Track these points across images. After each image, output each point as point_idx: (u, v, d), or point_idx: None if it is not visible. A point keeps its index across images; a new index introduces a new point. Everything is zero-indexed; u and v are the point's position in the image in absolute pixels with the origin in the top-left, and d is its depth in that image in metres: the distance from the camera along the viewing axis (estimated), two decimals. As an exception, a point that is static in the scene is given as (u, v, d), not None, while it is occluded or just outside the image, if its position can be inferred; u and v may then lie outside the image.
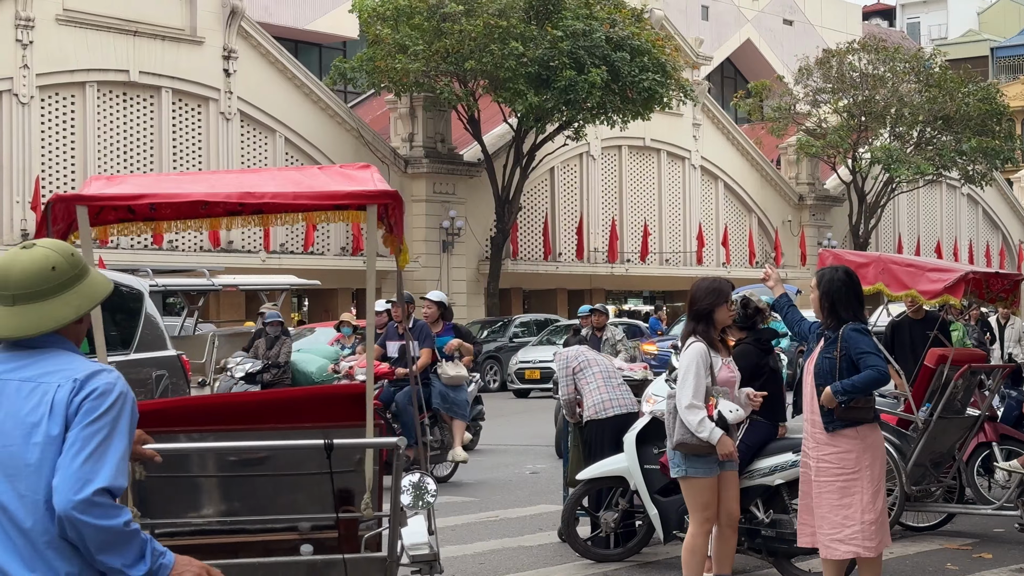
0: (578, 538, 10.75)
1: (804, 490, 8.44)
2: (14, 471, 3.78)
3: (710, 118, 52.45)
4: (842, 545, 8.17)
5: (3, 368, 3.91)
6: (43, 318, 3.91)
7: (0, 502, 3.75)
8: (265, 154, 39.48)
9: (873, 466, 8.17)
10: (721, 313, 8.46)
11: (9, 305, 3.90)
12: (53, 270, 3.93)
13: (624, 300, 48.90)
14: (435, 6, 37.09)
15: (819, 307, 8.32)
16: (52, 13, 34.36)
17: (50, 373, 3.85)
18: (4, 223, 33.72)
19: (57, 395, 3.79)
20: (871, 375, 7.98)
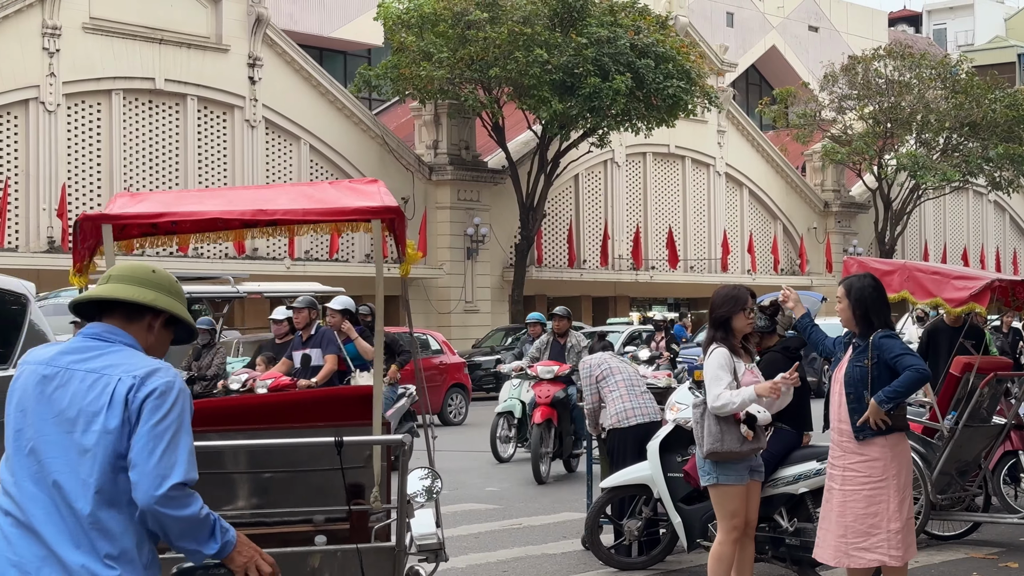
0: (601, 546, 10.76)
1: (826, 499, 8.42)
2: (74, 455, 4.13)
3: (735, 125, 52.40)
4: (867, 553, 8.12)
5: (72, 359, 4.24)
6: (123, 290, 4.38)
7: (58, 482, 4.09)
8: (290, 162, 39.54)
9: (900, 475, 8.15)
10: (739, 321, 8.43)
11: (104, 284, 4.43)
12: (153, 272, 4.49)
13: (649, 307, 48.73)
14: (460, 14, 37.11)
15: (850, 315, 8.28)
16: (79, 21, 34.51)
17: (113, 366, 4.19)
18: (31, 231, 33.85)
19: (118, 388, 4.13)
20: (912, 375, 7.95)
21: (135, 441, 4.10)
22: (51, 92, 34.17)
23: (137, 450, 4.09)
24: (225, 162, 38.04)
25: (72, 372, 4.21)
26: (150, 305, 4.38)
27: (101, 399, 4.15)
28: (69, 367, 4.22)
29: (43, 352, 4.37)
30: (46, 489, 4.10)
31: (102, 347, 4.29)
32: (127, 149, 35.92)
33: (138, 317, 4.41)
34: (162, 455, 4.07)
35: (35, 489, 4.12)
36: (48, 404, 4.20)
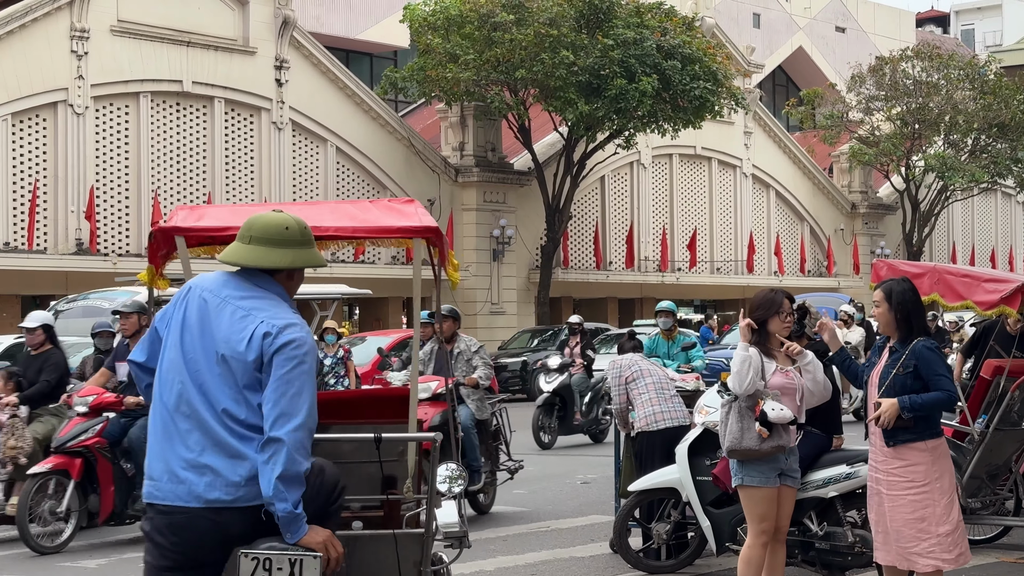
0: (630, 549, 10.74)
1: (875, 499, 8.41)
2: (218, 368, 5.07)
3: (761, 126, 52.33)
4: (920, 559, 8.09)
5: (230, 293, 5.15)
6: (266, 257, 5.20)
7: (205, 384, 5.04)
8: (317, 164, 39.63)
9: (943, 478, 8.12)
10: (775, 324, 8.45)
11: (246, 244, 5.22)
12: (287, 229, 5.25)
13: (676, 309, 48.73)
14: (486, 16, 37.10)
15: (890, 319, 8.24)
16: (107, 24, 34.64)
17: (259, 310, 5.08)
18: (59, 233, 33.97)
19: (257, 330, 5.00)
20: (940, 397, 7.99)
21: (269, 382, 4.96)
22: (79, 95, 34.31)
23: (269, 391, 4.92)
24: (252, 164, 38.14)
25: (227, 303, 5.12)
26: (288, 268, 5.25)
27: (243, 333, 5.02)
28: (226, 299, 5.13)
29: (209, 280, 5.27)
30: (199, 387, 5.01)
31: (255, 291, 5.17)
32: (155, 151, 36.03)
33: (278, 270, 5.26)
34: (292, 398, 4.90)
35: (191, 387, 5.04)
36: (207, 323, 5.10)
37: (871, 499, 8.38)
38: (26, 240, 33.22)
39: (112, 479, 11.72)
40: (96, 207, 34.36)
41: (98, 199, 34.47)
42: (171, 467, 4.98)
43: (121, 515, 11.92)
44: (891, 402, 7.89)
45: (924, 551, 8.05)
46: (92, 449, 11.61)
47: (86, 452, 11.61)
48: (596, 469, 17.49)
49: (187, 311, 5.17)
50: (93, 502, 11.75)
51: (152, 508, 4.98)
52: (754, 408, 8.38)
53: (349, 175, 40.34)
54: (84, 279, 30.94)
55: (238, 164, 37.92)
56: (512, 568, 11.07)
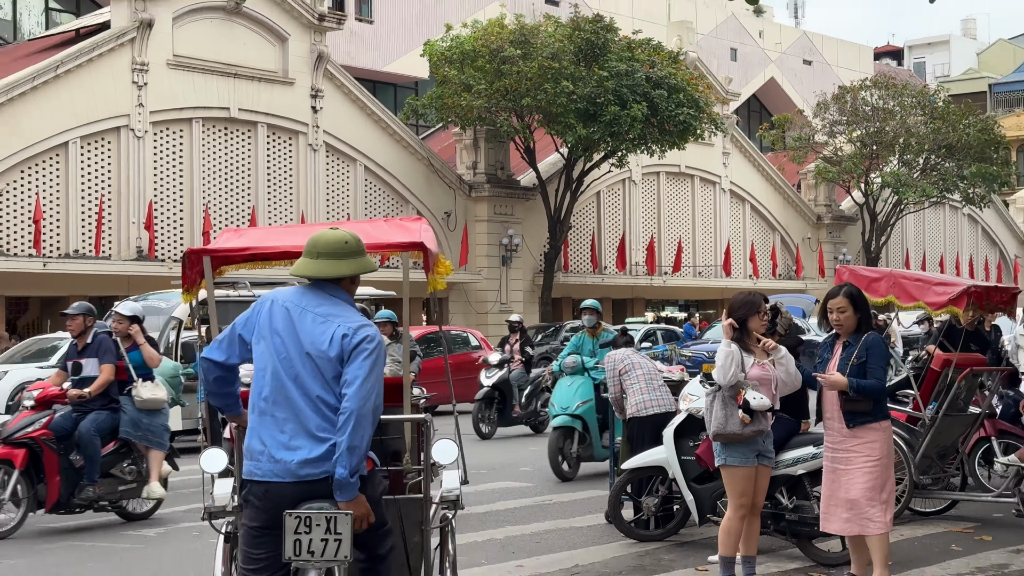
0: (623, 520, 10.79)
1: (831, 478, 8.53)
2: (309, 363, 5.47)
3: (738, 147, 52.27)
4: (871, 523, 8.34)
5: (306, 303, 5.58)
6: (334, 268, 5.61)
7: (300, 376, 5.46)
8: (347, 182, 39.59)
9: (889, 454, 8.49)
10: (753, 322, 8.57)
11: (314, 259, 5.62)
12: (346, 243, 5.66)
13: (662, 308, 48.77)
14: (496, 50, 37.13)
15: (854, 321, 8.54)
16: (163, 58, 34.66)
17: (335, 316, 5.51)
18: (122, 240, 33.98)
19: (337, 332, 5.45)
20: (876, 386, 8.29)
21: (350, 370, 5.39)
22: (139, 120, 34.33)
23: (351, 376, 5.36)
24: (291, 181, 38.10)
25: (306, 311, 5.54)
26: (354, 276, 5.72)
27: (325, 336, 5.45)
28: (305, 308, 5.56)
29: (288, 293, 5.70)
30: (293, 379, 5.44)
31: (326, 300, 5.59)
32: (205, 170, 36.02)
33: (338, 279, 5.66)
34: (365, 380, 5.34)
35: (287, 380, 5.46)
36: (292, 328, 5.51)
37: (826, 476, 8.62)
38: (93, 248, 33.26)
39: (58, 469, 11.08)
40: (154, 219, 34.38)
41: (156, 212, 34.50)
42: (269, 449, 5.41)
43: (68, 504, 11.27)
44: (844, 379, 8.21)
45: (874, 516, 8.31)
46: (37, 440, 11.06)
47: (31, 443, 11.05)
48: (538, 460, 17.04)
49: (273, 319, 5.57)
50: (40, 491, 11.11)
51: (251, 482, 5.45)
52: (736, 397, 8.46)
53: (376, 191, 40.31)
54: (143, 282, 30.93)
55: (278, 181, 37.88)
56: (519, 536, 11.09)
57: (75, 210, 33.25)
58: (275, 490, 5.38)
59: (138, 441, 11.59)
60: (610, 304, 46.95)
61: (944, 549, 10.26)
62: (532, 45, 37.26)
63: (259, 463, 5.43)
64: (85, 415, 11.27)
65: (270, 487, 5.39)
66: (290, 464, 5.36)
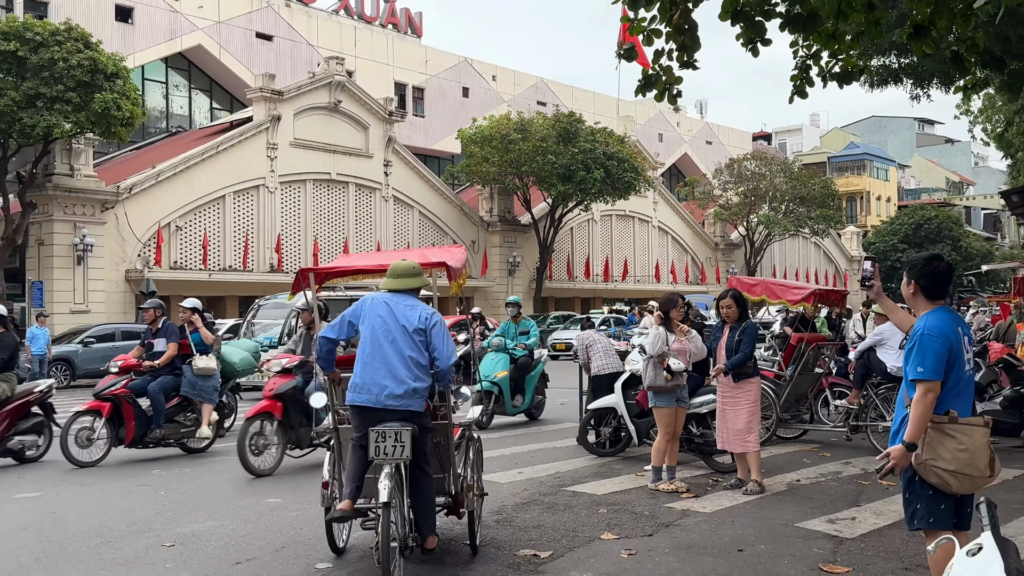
0: (588, 443, 10.79)
1: (722, 414, 8.61)
2: (406, 336, 5.79)
3: (663, 199, 52.28)
4: (749, 444, 8.50)
5: (397, 300, 5.92)
6: (409, 284, 6.01)
7: (397, 341, 5.76)
8: (407, 222, 39.70)
9: (758, 400, 8.66)
10: (674, 312, 8.72)
11: (396, 279, 6.01)
12: (413, 269, 6.07)
13: (613, 303, 48.64)
14: (504, 135, 37.29)
15: (736, 314, 8.70)
16: (287, 140, 34.77)
17: (416, 306, 5.90)
18: (261, 259, 34.12)
19: (421, 314, 5.83)
20: (741, 358, 8.47)
21: (435, 341, 5.79)
22: (271, 181, 34.44)
23: (437, 345, 5.77)
24: (370, 221, 38.18)
25: (398, 303, 5.91)
26: (420, 288, 6.08)
27: (412, 317, 5.81)
28: (397, 302, 5.91)
29: (383, 294, 5.99)
30: (391, 343, 5.74)
31: (407, 299, 5.95)
32: (314, 213, 36.12)
33: (415, 290, 6.04)
34: (445, 347, 5.78)
35: (385, 343, 5.75)
36: (393, 314, 5.83)
37: (719, 413, 8.76)
38: (241, 264, 33.34)
39: (133, 416, 10.75)
40: (281, 245, 34.46)
41: (282, 241, 34.59)
42: (367, 385, 5.65)
43: (142, 441, 10.91)
44: (723, 367, 8.51)
45: (753, 440, 8.52)
46: (118, 396, 10.75)
47: (114, 398, 10.74)
48: (568, 396, 16.98)
49: (375, 308, 5.87)
50: (121, 432, 10.77)
51: (352, 406, 5.73)
52: (662, 362, 8.55)
53: (426, 227, 40.40)
54: (274, 288, 31.00)
55: (362, 221, 37.95)
56: (521, 453, 11.06)
57: (229, 239, 33.36)
58: (366, 412, 5.62)
59: (194, 397, 11.17)
60: (579, 301, 46.99)
61: (799, 462, 10.27)
62: (528, 132, 37.38)
63: (359, 394, 5.65)
64: (155, 379, 10.97)
65: (363, 409, 5.62)
66: (380, 396, 5.60)
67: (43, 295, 28.63)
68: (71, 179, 28.94)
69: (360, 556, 6.39)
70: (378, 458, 5.44)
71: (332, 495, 6.13)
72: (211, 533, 7.13)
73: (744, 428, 8.45)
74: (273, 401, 9.97)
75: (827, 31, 7.71)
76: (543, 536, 6.88)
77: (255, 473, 9.59)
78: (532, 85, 55.50)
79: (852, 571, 5.95)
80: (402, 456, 5.43)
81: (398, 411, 5.58)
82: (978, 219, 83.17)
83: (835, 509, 7.77)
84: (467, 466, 6.53)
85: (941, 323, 4.53)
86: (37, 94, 24.11)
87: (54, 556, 6.55)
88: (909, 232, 62.36)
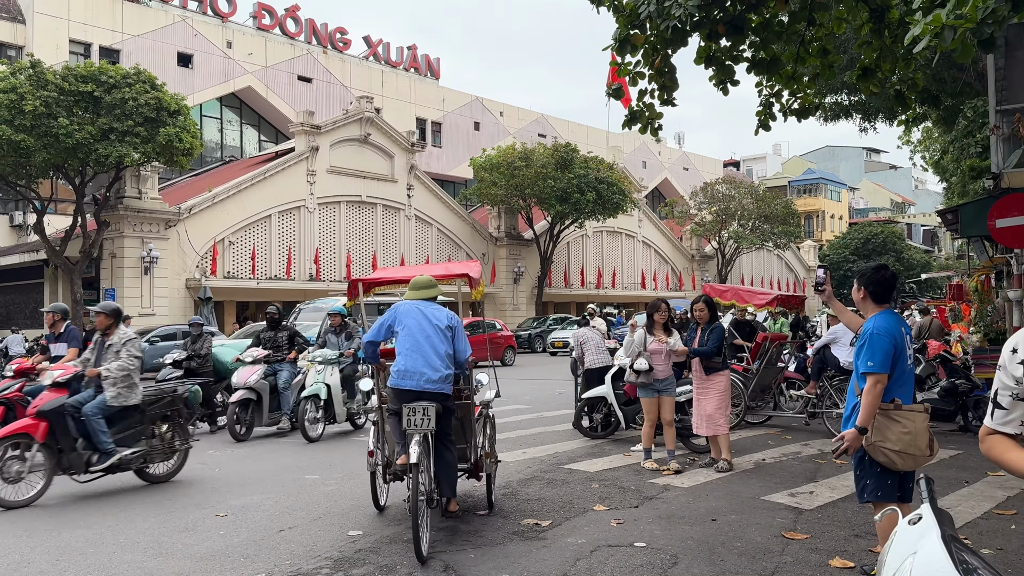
0: (583, 427, 10.73)
1: (697, 402, 8.53)
2: (437, 333, 6.05)
3: (647, 217, 52.13)
4: (719, 428, 8.44)
5: (424, 306, 6.20)
6: (429, 294, 6.34)
7: (430, 336, 6.02)
8: (427, 237, 39.63)
9: (727, 389, 8.58)
10: (657, 316, 8.57)
11: (418, 290, 6.34)
12: (429, 282, 6.40)
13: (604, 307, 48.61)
14: (510, 163, 37.18)
15: (707, 315, 8.65)
16: (324, 167, 34.78)
17: (441, 309, 6.20)
18: (301, 269, 34.10)
19: (448, 315, 6.16)
20: (708, 350, 8.42)
21: (457, 338, 6.13)
22: (311, 202, 34.43)
23: (459, 342, 6.14)
24: (395, 237, 38.12)
25: (427, 308, 6.18)
26: (435, 297, 6.36)
27: (440, 317, 6.12)
28: (426, 306, 6.20)
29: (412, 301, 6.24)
30: (426, 339, 6.00)
31: (431, 305, 6.23)
32: (347, 230, 36.10)
33: (432, 299, 6.32)
34: (464, 345, 6.17)
35: (421, 339, 6.01)
36: (425, 316, 6.10)
37: (695, 401, 8.71)
38: (285, 273, 33.35)
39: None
40: (319, 257, 34.45)
41: (320, 254, 34.57)
42: (411, 374, 5.89)
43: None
44: (684, 348, 8.47)
45: (722, 424, 8.45)
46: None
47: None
48: (566, 385, 16.87)
49: (409, 313, 6.12)
50: None
51: (392, 388, 5.96)
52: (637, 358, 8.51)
53: (443, 243, 40.33)
54: (313, 294, 31.04)
55: (388, 237, 37.91)
56: (524, 436, 11.01)
57: (275, 252, 33.36)
58: (404, 393, 5.91)
59: None
60: (575, 305, 46.89)
61: (764, 444, 10.21)
62: (531, 160, 37.27)
63: (404, 380, 5.92)
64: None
65: (406, 392, 5.89)
66: (420, 381, 5.89)
67: (115, 300, 28.71)
68: (139, 201, 29.03)
69: (387, 523, 6.40)
70: (409, 429, 5.78)
71: (376, 462, 6.55)
72: (258, 505, 7.11)
73: (714, 413, 8.41)
74: (37, 421, 7.27)
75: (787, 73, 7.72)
76: (544, 507, 6.86)
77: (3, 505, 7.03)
78: (534, 120, 55.49)
79: (810, 538, 5.92)
80: (428, 427, 5.76)
81: (434, 393, 5.89)
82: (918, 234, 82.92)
83: (795, 484, 7.73)
84: (485, 438, 6.85)
85: (887, 323, 4.52)
86: (110, 128, 24.21)
87: (122, 525, 6.55)
88: (859, 245, 62.21)
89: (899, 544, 2.07)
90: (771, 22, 7.32)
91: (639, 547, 5.67)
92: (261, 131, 43.99)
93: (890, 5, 7.28)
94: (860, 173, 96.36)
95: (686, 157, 68.79)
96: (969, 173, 18.72)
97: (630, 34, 6.81)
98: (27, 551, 5.84)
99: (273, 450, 10.14)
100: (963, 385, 11.08)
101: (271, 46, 42.95)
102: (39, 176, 26.04)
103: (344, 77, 45.82)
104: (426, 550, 5.44)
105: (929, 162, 28.74)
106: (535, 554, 5.55)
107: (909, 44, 5.18)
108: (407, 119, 47.18)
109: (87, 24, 36.17)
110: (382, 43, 48.68)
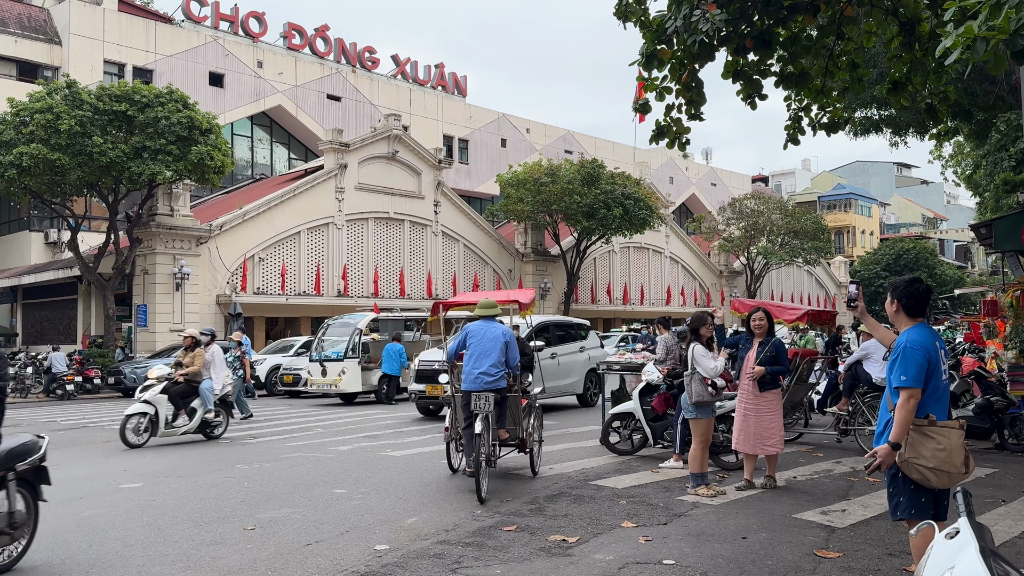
0: (610, 443, 10.66)
1: (744, 419, 8.27)
2: (496, 346, 8.06)
3: (674, 232, 51.89)
4: (769, 447, 8.27)
5: (488, 324, 8.16)
6: (492, 312, 8.32)
7: (492, 356, 8.03)
8: (454, 253, 39.74)
9: (780, 407, 8.42)
10: (704, 328, 8.32)
11: (484, 310, 8.32)
12: (494, 304, 8.37)
13: (631, 323, 48.30)
14: (536, 179, 37.16)
15: (765, 328, 8.38)
16: (353, 184, 35.08)
17: (499, 327, 8.13)
18: (330, 285, 34.33)
19: (503, 331, 8.11)
20: (782, 369, 8.25)
21: (510, 350, 8.13)
22: (339, 219, 34.71)
23: (511, 351, 8.15)
24: (422, 253, 38.26)
25: (491, 328, 8.12)
26: (498, 314, 8.37)
27: (496, 333, 8.09)
28: (490, 327, 8.17)
29: (481, 321, 8.21)
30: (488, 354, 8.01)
31: (493, 323, 8.22)
32: (376, 247, 36.32)
33: (495, 316, 8.36)
34: (516, 353, 8.23)
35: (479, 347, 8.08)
36: (488, 332, 8.12)
37: (739, 418, 8.32)
38: (314, 289, 33.61)
39: None
40: (347, 273, 34.67)
41: (348, 270, 34.80)
42: (473, 376, 7.94)
43: None
44: (761, 369, 8.16)
45: (773, 443, 8.26)
46: None
47: None
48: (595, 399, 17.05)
49: (478, 331, 8.11)
50: None
51: (463, 392, 8.05)
52: (704, 379, 7.99)
53: (470, 259, 40.42)
54: (341, 310, 31.20)
55: (416, 254, 38.06)
56: (549, 452, 10.93)
57: (304, 268, 33.64)
58: (471, 390, 7.99)
59: None
60: (601, 321, 46.71)
61: (795, 461, 10.08)
62: (557, 176, 37.22)
63: (467, 381, 8.02)
64: None
65: (470, 392, 7.98)
66: (481, 380, 7.96)
67: (147, 316, 29.08)
68: (171, 218, 29.45)
69: (414, 538, 6.38)
70: (476, 410, 7.89)
71: (450, 436, 9.08)
72: (286, 519, 7.14)
73: (767, 431, 8.21)
74: None
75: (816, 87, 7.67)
76: (571, 523, 6.81)
77: None
78: (560, 136, 55.64)
79: (843, 556, 5.81)
80: (489, 408, 7.88)
81: (491, 389, 7.96)
82: (951, 250, 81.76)
83: (828, 502, 7.61)
84: (530, 422, 9.00)
85: (921, 337, 4.45)
86: (143, 147, 24.63)
87: (153, 538, 6.60)
88: (890, 261, 61.49)
89: (936, 558, 2.02)
90: (799, 36, 7.29)
91: (668, 564, 5.60)
92: (291, 149, 44.50)
93: (920, 18, 7.22)
94: (891, 188, 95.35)
95: (714, 172, 68.54)
96: (1003, 187, 18.45)
97: (657, 49, 6.81)
98: (57, 563, 5.91)
99: (299, 464, 10.18)
100: (999, 402, 10.86)
101: (301, 65, 43.52)
102: (73, 194, 26.55)
103: (372, 95, 46.28)
104: (484, 494, 7.55)
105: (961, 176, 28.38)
106: (562, 570, 5.51)
107: (940, 56, 5.12)
108: (434, 136, 47.50)
109: (121, 45, 36.92)
110: (410, 61, 49.17)
